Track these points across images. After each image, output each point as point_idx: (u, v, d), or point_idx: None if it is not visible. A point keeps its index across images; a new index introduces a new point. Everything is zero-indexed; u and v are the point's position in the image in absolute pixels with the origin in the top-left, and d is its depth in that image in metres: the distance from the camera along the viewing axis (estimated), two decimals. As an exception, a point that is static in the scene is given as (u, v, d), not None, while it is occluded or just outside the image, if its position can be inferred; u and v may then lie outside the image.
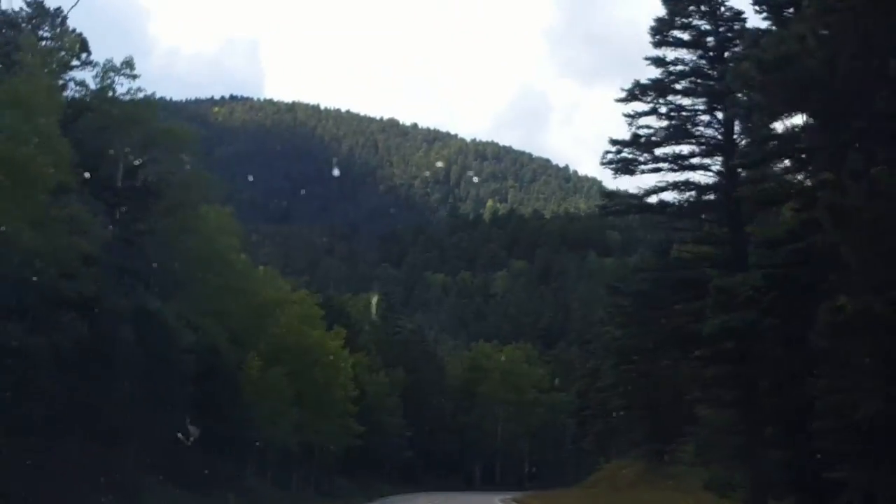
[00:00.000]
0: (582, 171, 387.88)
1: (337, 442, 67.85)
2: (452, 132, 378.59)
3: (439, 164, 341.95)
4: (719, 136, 42.33)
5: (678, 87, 42.36)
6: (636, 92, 42.25)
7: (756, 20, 60.77)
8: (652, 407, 58.69)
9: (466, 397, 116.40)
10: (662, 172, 42.70)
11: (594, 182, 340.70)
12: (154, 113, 44.90)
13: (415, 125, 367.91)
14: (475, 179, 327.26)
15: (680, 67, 42.18)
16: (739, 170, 38.90)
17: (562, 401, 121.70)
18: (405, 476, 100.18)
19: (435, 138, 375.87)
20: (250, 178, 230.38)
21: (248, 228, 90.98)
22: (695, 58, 42.17)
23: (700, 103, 42.67)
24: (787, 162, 32.25)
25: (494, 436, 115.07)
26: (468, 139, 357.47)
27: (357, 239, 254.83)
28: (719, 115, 42.30)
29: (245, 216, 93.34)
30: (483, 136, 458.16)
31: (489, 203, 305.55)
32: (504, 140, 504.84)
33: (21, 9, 40.10)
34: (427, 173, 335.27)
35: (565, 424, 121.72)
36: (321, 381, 61.65)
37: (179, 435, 35.86)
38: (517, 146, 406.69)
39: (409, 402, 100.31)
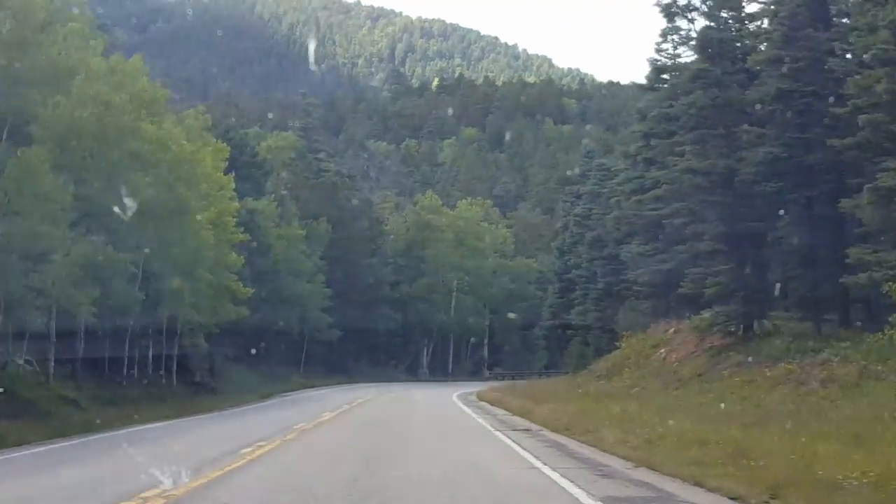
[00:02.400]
0: (532, 50, 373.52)
1: (204, 311, 43.07)
2: (397, 9, 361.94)
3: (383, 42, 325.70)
4: None
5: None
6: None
7: None
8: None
9: (411, 263, 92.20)
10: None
11: (544, 59, 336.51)
12: None
13: (358, 2, 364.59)
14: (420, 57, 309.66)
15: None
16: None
17: (529, 269, 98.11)
18: (329, 364, 76.27)
19: (379, 15, 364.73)
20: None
21: (186, 108, 69.84)
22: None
23: None
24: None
25: (447, 311, 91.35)
26: (413, 17, 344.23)
27: (294, 111, 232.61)
28: None
29: (183, 96, 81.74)
30: (429, 13, 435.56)
31: (435, 80, 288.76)
32: (451, 17, 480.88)
33: None
34: (370, 51, 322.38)
35: (533, 297, 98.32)
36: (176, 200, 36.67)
37: None
38: (464, 24, 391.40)
39: (335, 266, 75.77)
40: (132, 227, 33.71)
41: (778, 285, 32.64)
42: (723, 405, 23.35)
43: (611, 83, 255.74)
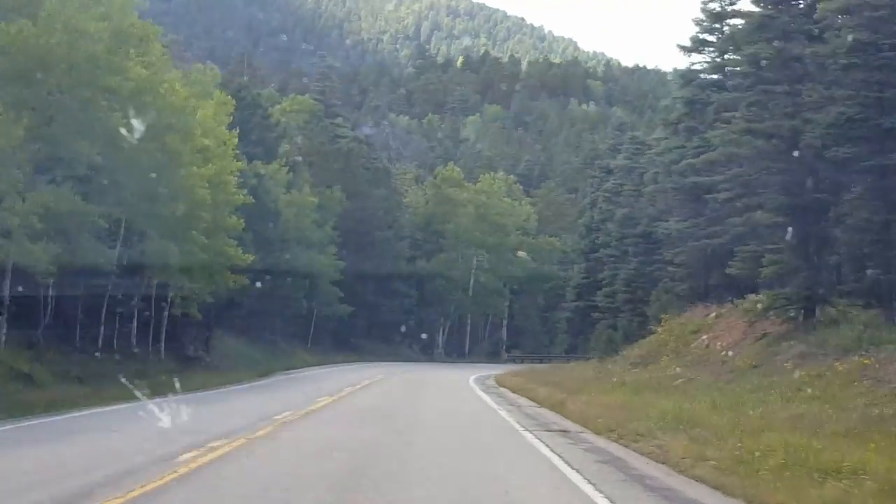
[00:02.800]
0: (558, 32, 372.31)
1: (198, 278, 38.97)
2: None
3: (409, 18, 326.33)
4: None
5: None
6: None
7: None
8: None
9: (430, 238, 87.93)
10: None
11: (569, 42, 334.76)
12: None
13: None
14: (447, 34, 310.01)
15: None
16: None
17: (553, 248, 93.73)
18: (338, 341, 72.24)
19: None
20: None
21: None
22: None
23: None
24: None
25: (465, 289, 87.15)
26: None
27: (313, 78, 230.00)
28: None
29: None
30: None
31: (460, 58, 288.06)
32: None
33: None
34: (396, 28, 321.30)
35: (556, 277, 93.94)
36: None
37: None
38: (491, 3, 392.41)
39: (348, 238, 71.65)
40: (111, 178, 29.64)
41: (843, 267, 28.26)
42: (798, 406, 18.98)
43: (637, 67, 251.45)
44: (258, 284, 49.92)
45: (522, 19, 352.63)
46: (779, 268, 27.22)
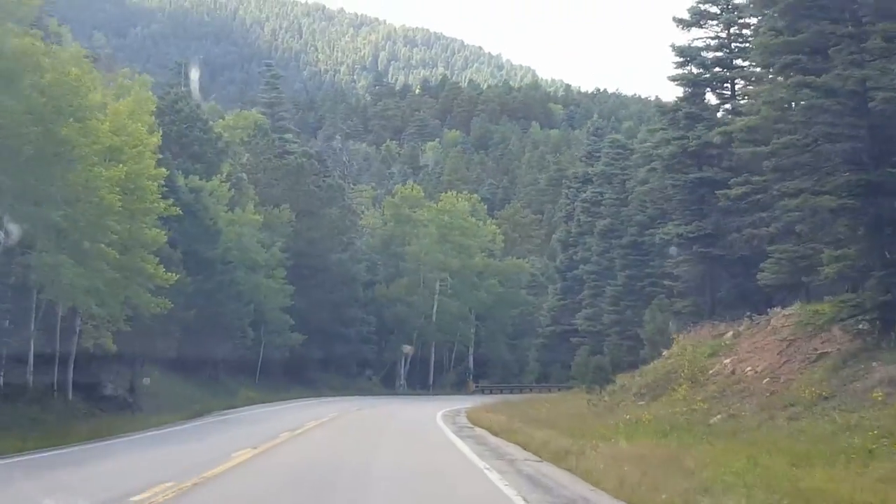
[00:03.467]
0: (516, 60, 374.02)
1: (109, 300, 31.97)
2: (381, 17, 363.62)
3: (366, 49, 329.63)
4: None
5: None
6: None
7: None
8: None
9: (389, 261, 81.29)
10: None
11: (528, 70, 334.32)
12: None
13: (341, 9, 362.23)
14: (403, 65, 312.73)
15: None
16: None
17: (521, 270, 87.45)
18: (290, 374, 65.19)
19: (362, 23, 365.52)
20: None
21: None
22: None
23: None
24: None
25: (428, 316, 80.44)
26: (397, 25, 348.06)
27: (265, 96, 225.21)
28: None
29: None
30: (413, 22, 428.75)
31: (418, 86, 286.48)
32: (435, 26, 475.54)
33: None
34: (353, 58, 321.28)
35: (525, 302, 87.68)
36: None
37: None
38: (448, 33, 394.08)
39: (299, 260, 64.95)
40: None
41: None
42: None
43: (597, 91, 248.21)
44: (192, 311, 43.11)
45: (480, 48, 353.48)
46: (842, 267, 20.75)
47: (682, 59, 36.12)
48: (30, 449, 21.54)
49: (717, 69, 35.31)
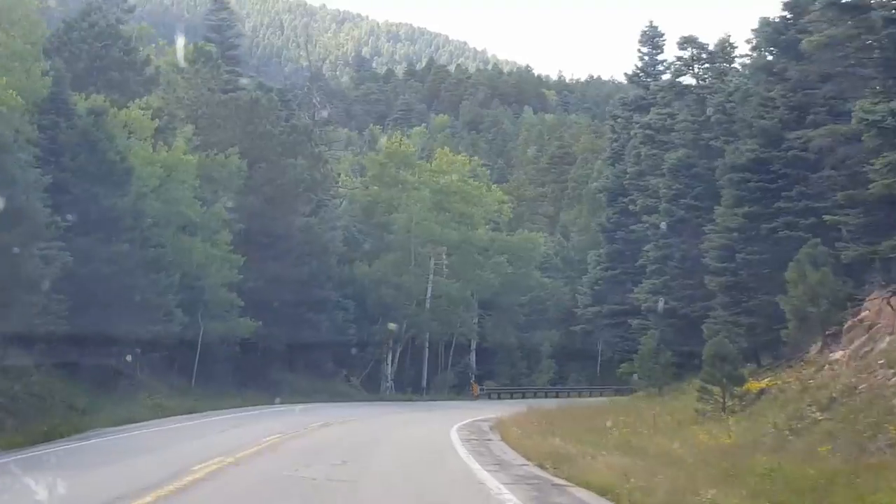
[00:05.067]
0: (502, 55, 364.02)
1: None
2: (363, 13, 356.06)
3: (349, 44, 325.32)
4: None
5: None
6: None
7: None
8: None
9: (372, 232, 65.35)
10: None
11: (513, 65, 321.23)
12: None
13: (323, 5, 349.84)
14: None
15: None
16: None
17: (535, 244, 71.94)
18: (244, 373, 49.26)
19: (345, 19, 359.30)
20: None
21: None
22: None
23: None
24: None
25: (421, 301, 64.65)
26: (380, 20, 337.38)
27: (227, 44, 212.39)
28: None
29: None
30: (396, 17, 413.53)
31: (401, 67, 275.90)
32: (419, 21, 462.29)
33: None
34: (336, 54, 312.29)
35: (538, 286, 72.15)
36: None
37: None
38: (433, 28, 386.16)
39: (255, 223, 49.21)
40: None
41: None
42: None
43: (591, 78, 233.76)
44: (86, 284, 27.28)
45: (465, 43, 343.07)
46: None
47: None
48: None
49: None
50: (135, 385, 39.02)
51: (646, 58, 48.00)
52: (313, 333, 53.22)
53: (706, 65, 37.80)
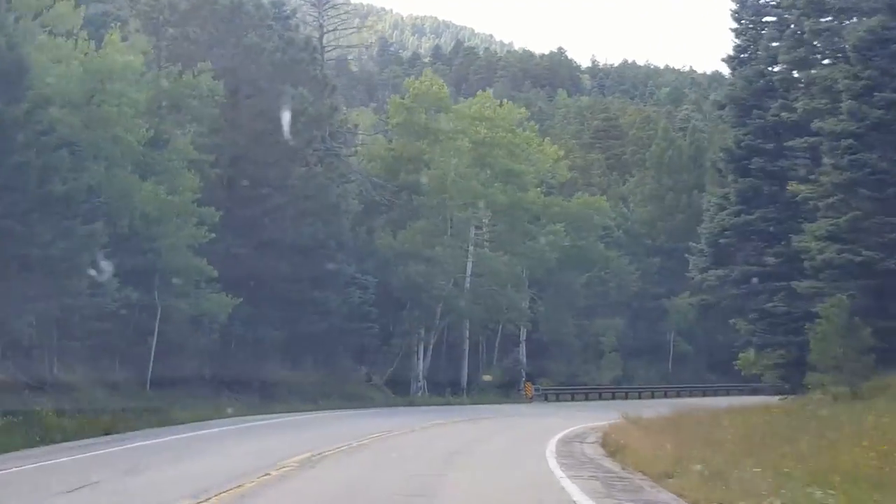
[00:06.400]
0: (530, 48, 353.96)
1: None
2: (387, 7, 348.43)
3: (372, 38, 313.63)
4: None
5: None
6: None
7: None
8: None
9: (398, 196, 52.01)
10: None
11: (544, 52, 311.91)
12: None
13: (346, 0, 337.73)
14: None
15: None
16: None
17: (600, 210, 58.83)
18: (226, 373, 36.17)
19: (368, 13, 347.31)
20: None
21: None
22: None
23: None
24: None
25: (459, 280, 51.40)
26: (405, 14, 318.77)
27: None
28: None
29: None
30: (420, 10, 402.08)
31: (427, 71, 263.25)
32: (444, 14, 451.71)
33: None
34: (360, 49, 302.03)
35: (600, 259, 59.16)
36: None
37: None
38: (458, 21, 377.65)
39: (239, 170, 36.12)
40: None
41: None
42: None
43: (625, 62, 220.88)
44: None
45: (491, 35, 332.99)
46: None
47: None
48: None
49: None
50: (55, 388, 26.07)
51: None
52: (321, 318, 39.96)
53: None
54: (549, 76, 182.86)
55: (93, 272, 25.96)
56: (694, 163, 72.23)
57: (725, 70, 38.43)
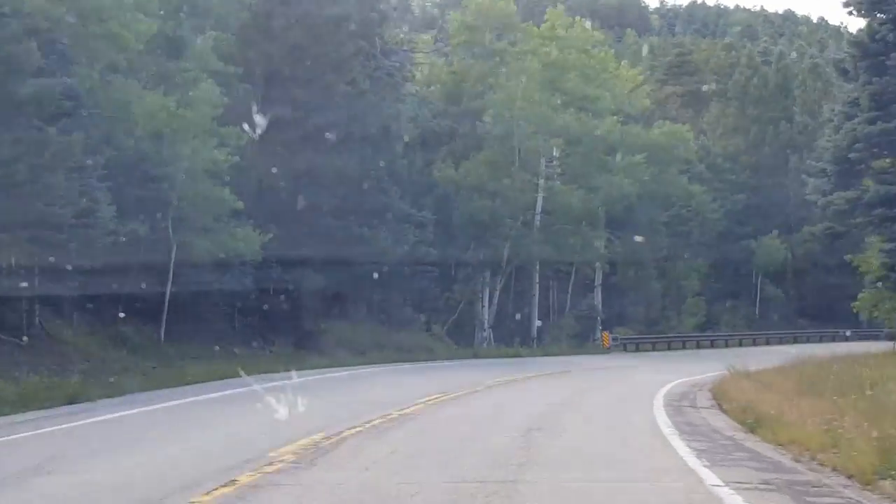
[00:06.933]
0: None
1: None
2: None
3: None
4: None
5: None
6: None
7: None
8: None
9: (457, 122, 46.55)
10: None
11: None
12: None
13: None
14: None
15: None
16: None
17: (683, 141, 52.97)
18: (260, 319, 31.30)
19: None
20: None
21: None
22: None
23: None
24: None
25: (528, 219, 45.94)
26: None
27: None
28: None
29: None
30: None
31: None
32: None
33: None
34: None
35: (682, 193, 53.49)
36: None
37: None
38: None
39: (269, 92, 30.88)
40: None
41: None
42: None
43: (694, 3, 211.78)
44: None
45: None
46: None
47: None
48: None
49: None
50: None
51: None
52: (371, 259, 34.74)
53: None
54: (616, 16, 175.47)
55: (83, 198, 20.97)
56: (781, 91, 66.12)
57: (798, 9, 32.26)
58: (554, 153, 46.91)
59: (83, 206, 21.50)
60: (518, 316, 46.07)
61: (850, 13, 28.03)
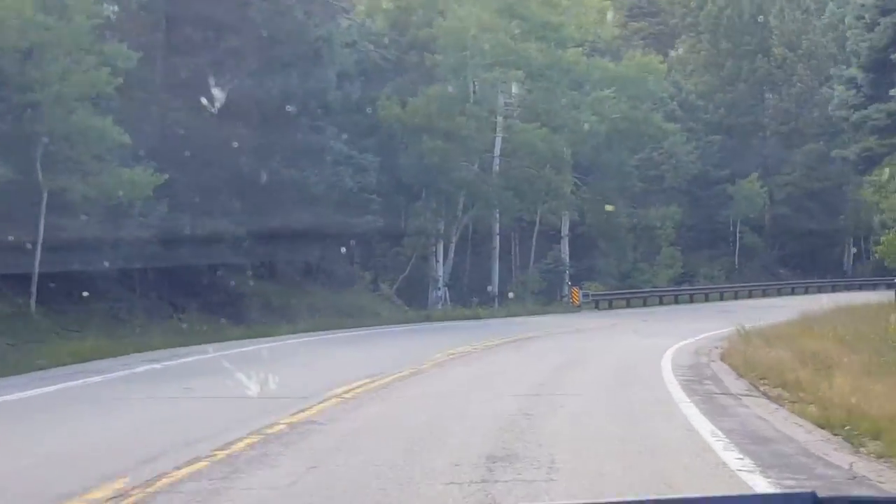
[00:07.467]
0: None
1: None
2: None
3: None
4: None
5: None
6: None
7: None
8: None
9: (405, 53, 41.05)
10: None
11: None
12: None
13: None
14: None
15: None
16: None
17: (656, 74, 47.88)
18: (167, 284, 25.75)
19: None
20: None
21: None
22: None
23: None
24: None
25: (485, 161, 40.73)
26: None
27: None
28: None
29: None
30: None
31: None
32: None
33: None
34: None
35: (657, 134, 48.81)
36: None
37: None
38: None
39: (171, 6, 24.88)
40: None
41: None
42: None
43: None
44: None
45: None
46: None
47: None
48: None
49: None
50: None
51: None
52: (300, 207, 29.38)
53: None
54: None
55: None
56: (756, 23, 61.25)
57: None
58: (513, 88, 41.57)
59: None
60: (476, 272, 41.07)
61: None
